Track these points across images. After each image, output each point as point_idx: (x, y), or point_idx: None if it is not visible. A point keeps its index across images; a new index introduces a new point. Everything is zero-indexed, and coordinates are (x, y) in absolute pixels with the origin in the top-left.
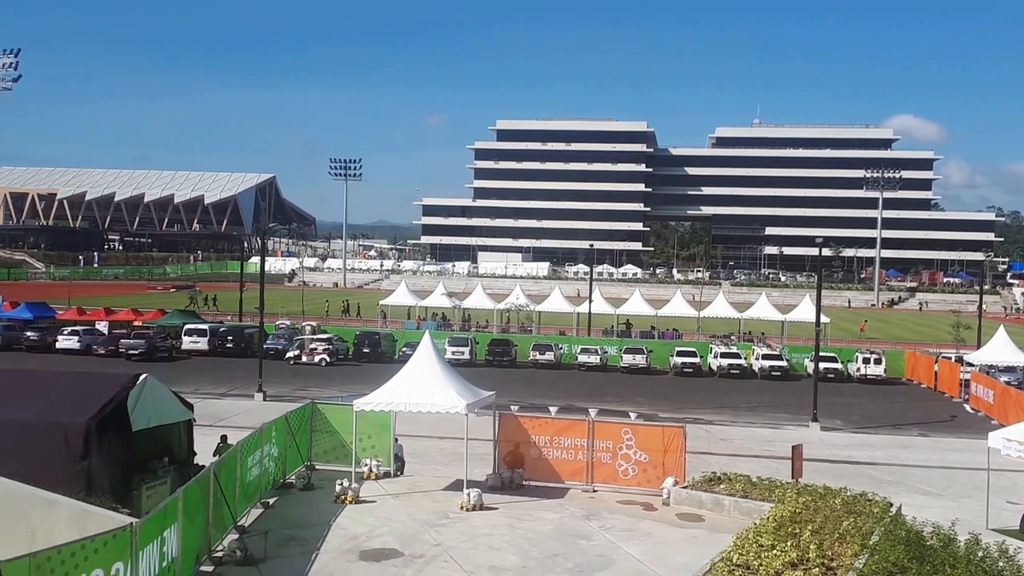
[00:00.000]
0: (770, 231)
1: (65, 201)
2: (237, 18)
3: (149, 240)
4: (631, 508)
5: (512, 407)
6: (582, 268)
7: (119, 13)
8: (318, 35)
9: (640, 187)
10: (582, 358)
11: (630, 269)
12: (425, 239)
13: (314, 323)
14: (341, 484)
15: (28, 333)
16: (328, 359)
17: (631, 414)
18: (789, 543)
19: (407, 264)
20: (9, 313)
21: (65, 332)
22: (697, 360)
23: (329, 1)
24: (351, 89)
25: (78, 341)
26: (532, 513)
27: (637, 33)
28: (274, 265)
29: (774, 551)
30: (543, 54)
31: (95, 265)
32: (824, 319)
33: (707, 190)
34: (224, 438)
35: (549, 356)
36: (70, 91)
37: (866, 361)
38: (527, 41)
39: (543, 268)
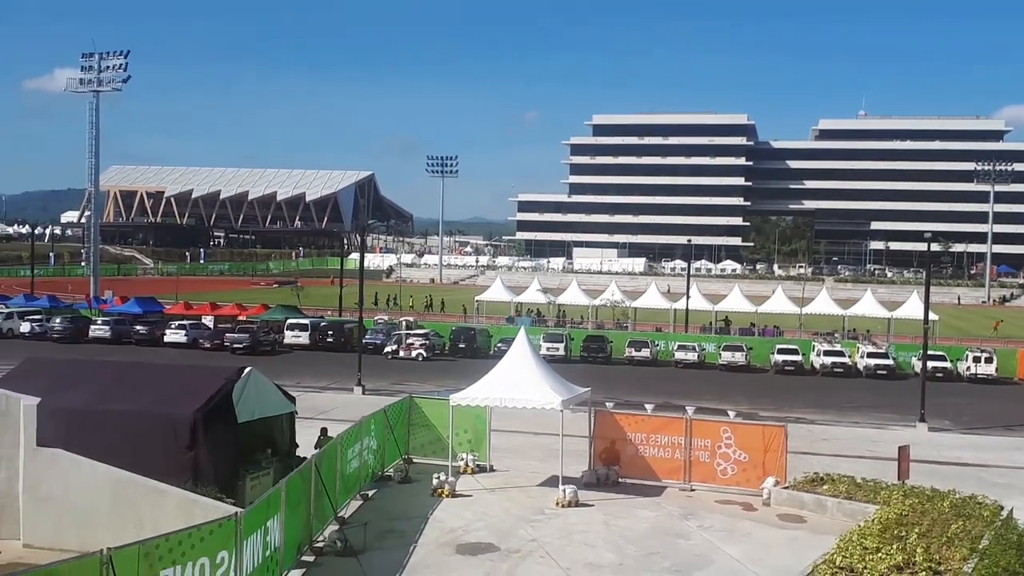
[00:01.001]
0: (876, 226)
1: (173, 199)
2: (336, 19)
3: (253, 237)
4: (730, 508)
5: (607, 404)
6: (679, 264)
7: (225, 15)
8: (414, 34)
9: (740, 181)
10: (679, 355)
11: (729, 265)
12: (520, 235)
13: (411, 319)
14: (438, 478)
15: (137, 327)
16: (425, 354)
17: (730, 412)
18: (895, 546)
19: (502, 260)
20: (119, 308)
21: (173, 326)
22: (799, 358)
23: (425, 1)
24: (448, 87)
25: (185, 335)
26: (628, 511)
27: (737, 26)
28: (372, 261)
29: (879, 554)
30: (640, 49)
31: (201, 261)
32: (932, 316)
33: (810, 184)
34: (324, 431)
35: (645, 353)
36: (178, 91)
37: (976, 360)
38: (624, 36)
39: (639, 264)
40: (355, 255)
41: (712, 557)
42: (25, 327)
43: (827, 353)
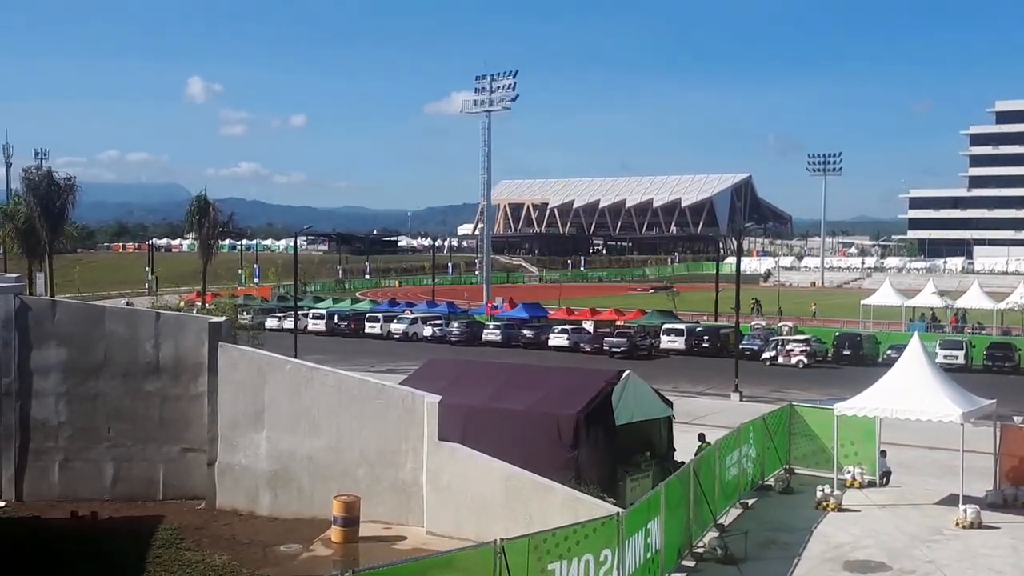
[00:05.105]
0: None
1: (555, 209)
2: (713, 23)
3: (629, 243)
4: None
5: (1015, 418)
6: None
7: (600, 27)
8: (799, 31)
9: None
10: None
11: None
12: (911, 234)
13: (791, 324)
14: (822, 490)
15: (524, 331)
16: (805, 361)
17: None
18: None
19: (891, 261)
20: (509, 313)
21: (556, 330)
22: None
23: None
24: (830, 82)
25: (567, 339)
26: None
27: None
28: (749, 265)
29: None
30: None
31: (581, 268)
32: None
33: None
34: (702, 436)
35: None
36: (560, 106)
37: None
38: None
39: None
40: (731, 259)
41: None
42: (427, 331)
43: None
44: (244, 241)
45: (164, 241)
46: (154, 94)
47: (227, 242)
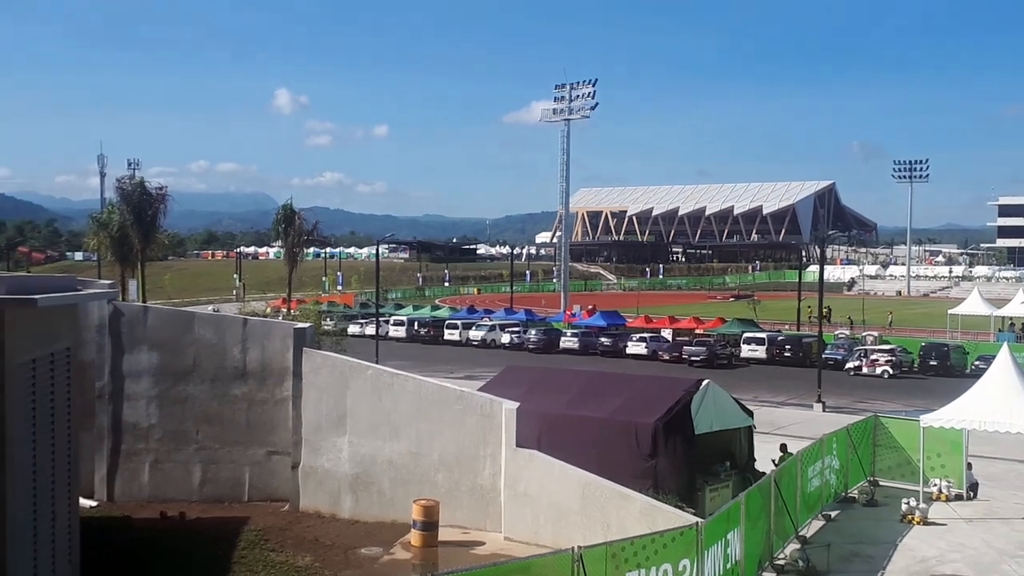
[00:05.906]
0: None
1: (634, 217)
2: (796, 31)
3: (709, 251)
4: None
5: None
6: None
7: (681, 34)
8: (883, 36)
9: None
10: None
11: None
12: (1000, 242)
13: (876, 333)
14: (907, 503)
15: (602, 339)
16: (891, 371)
17: None
18: None
19: (980, 270)
20: (587, 321)
21: (634, 338)
22: None
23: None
24: (916, 88)
25: (645, 347)
26: None
27: None
28: (832, 273)
29: None
30: None
31: (660, 276)
32: None
33: None
34: (784, 447)
35: None
36: (639, 113)
37: None
38: None
39: None
40: (814, 267)
41: None
42: (505, 338)
43: None
44: (328, 249)
45: (251, 249)
46: (243, 106)
47: (312, 250)
